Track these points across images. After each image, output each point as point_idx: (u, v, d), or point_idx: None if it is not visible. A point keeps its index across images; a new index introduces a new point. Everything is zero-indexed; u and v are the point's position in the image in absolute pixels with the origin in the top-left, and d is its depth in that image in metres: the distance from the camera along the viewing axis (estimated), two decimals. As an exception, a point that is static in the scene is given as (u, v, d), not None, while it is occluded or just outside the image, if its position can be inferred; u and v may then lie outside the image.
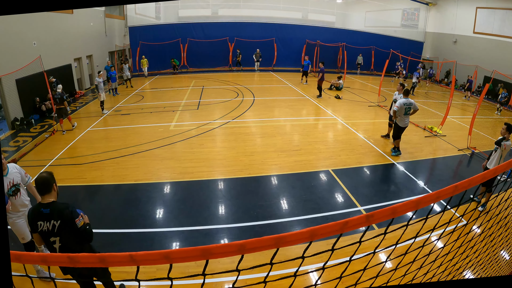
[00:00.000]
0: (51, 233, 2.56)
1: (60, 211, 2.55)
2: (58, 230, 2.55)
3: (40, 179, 2.58)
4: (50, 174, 2.66)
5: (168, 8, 19.95)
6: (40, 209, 2.55)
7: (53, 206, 2.56)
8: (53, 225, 2.53)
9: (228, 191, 5.70)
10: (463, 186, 1.20)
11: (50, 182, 2.60)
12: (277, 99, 12.97)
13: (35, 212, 2.57)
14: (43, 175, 2.61)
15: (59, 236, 2.57)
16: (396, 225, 2.83)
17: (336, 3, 22.10)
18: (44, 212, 2.54)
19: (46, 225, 2.54)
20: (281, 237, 0.89)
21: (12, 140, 8.37)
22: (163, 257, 0.88)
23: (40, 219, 2.55)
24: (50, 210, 2.54)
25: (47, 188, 2.59)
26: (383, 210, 1.01)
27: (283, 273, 3.62)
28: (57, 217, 2.53)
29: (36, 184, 2.59)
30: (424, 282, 1.57)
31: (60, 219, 2.53)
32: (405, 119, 7.17)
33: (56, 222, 2.53)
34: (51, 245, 2.61)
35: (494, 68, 14.45)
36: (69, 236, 2.58)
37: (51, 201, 2.59)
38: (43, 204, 2.57)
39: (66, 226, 2.55)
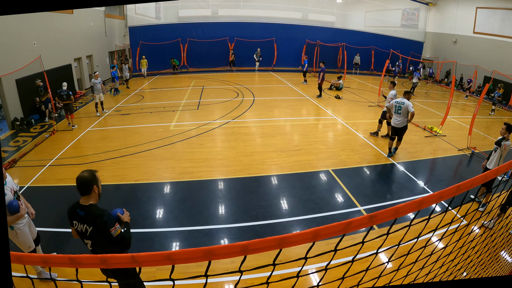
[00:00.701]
0: (84, 235, 2.50)
1: (94, 218, 2.42)
2: (90, 235, 2.47)
3: (79, 179, 2.42)
4: (91, 174, 2.46)
5: (168, 8, 19.94)
6: (76, 209, 2.47)
7: (88, 210, 2.44)
8: (86, 229, 2.46)
9: (228, 191, 5.69)
10: (465, 187, 1.19)
11: (91, 184, 2.43)
12: (277, 99, 12.97)
13: (72, 211, 2.50)
14: (84, 175, 2.43)
15: (91, 241, 2.51)
16: (397, 225, 2.82)
17: (336, 3, 22.09)
18: (80, 213, 2.46)
19: (80, 227, 2.48)
20: (284, 238, 0.89)
21: (12, 140, 8.36)
22: (165, 258, 0.87)
23: (75, 218, 2.49)
24: (85, 213, 2.44)
25: (86, 190, 2.44)
26: (386, 211, 1.00)
27: (285, 273, 3.62)
28: (90, 223, 2.43)
29: (76, 184, 2.43)
30: (426, 282, 1.56)
31: (92, 226, 2.43)
32: (395, 117, 7.06)
33: (88, 227, 2.44)
34: (85, 245, 2.58)
35: (494, 68, 14.45)
36: (101, 242, 2.49)
37: (88, 204, 2.46)
38: (80, 205, 2.47)
39: (99, 234, 2.44)
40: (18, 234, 3.24)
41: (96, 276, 3.33)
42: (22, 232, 3.27)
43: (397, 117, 7.03)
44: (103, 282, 1.06)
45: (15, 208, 3.10)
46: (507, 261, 3.47)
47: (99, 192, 2.50)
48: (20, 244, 3.31)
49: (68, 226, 4.67)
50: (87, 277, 3.31)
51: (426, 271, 1.92)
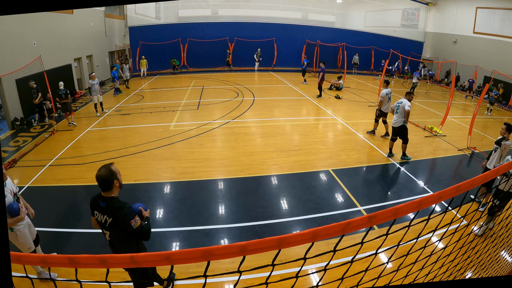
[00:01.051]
0: (103, 225, 2.60)
1: (114, 210, 2.52)
2: (109, 226, 2.57)
3: (99, 178, 2.50)
4: (109, 171, 2.51)
5: (168, 8, 19.94)
6: (98, 200, 2.58)
7: (109, 202, 2.54)
8: (106, 220, 2.55)
9: (228, 191, 5.69)
10: (465, 187, 1.19)
11: (111, 180, 2.52)
12: (277, 99, 12.97)
13: (94, 201, 2.62)
14: (102, 174, 2.49)
15: (109, 232, 2.60)
16: (397, 225, 2.83)
17: (336, 3, 22.09)
18: (101, 204, 2.56)
19: (101, 217, 2.58)
20: (283, 238, 0.89)
21: (12, 140, 8.36)
22: (164, 258, 0.87)
23: (96, 209, 2.60)
24: (106, 205, 2.54)
25: (107, 186, 2.53)
26: (385, 211, 1.00)
27: (284, 274, 3.62)
28: (110, 214, 2.53)
29: (97, 181, 2.52)
30: (425, 282, 1.56)
31: (112, 217, 2.53)
32: (394, 117, 7.25)
33: (108, 219, 2.54)
34: (103, 234, 2.67)
35: (494, 68, 14.44)
36: (119, 233, 2.58)
37: (110, 196, 2.57)
38: (102, 197, 2.58)
39: (118, 225, 2.54)
40: (18, 236, 3.24)
41: (96, 276, 3.34)
42: (22, 233, 3.27)
43: (395, 117, 7.03)
44: (102, 282, 1.06)
45: (16, 211, 3.11)
46: (507, 261, 3.47)
47: (120, 185, 2.58)
48: (20, 246, 3.32)
49: (68, 226, 4.68)
50: (87, 277, 3.32)
51: (426, 272, 1.92)
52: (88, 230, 4.57)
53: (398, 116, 6.97)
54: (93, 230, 4.56)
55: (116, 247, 2.66)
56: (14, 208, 3.10)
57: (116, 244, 2.65)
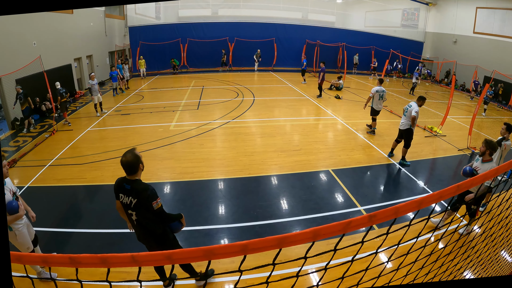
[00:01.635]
0: (129, 206, 2.76)
1: (139, 191, 2.68)
2: (135, 207, 2.73)
3: (126, 163, 2.64)
4: (134, 156, 2.66)
5: (168, 8, 19.94)
6: (123, 183, 2.74)
7: (134, 184, 2.70)
8: (131, 201, 2.72)
9: (228, 191, 5.69)
10: (465, 186, 1.20)
11: (137, 164, 2.67)
12: (277, 99, 12.97)
13: (119, 184, 2.76)
14: (129, 159, 2.64)
15: (135, 212, 2.76)
16: (397, 225, 2.83)
17: (336, 3, 22.10)
18: (126, 187, 2.72)
19: (126, 199, 2.75)
20: (284, 238, 0.89)
21: (12, 140, 8.36)
22: (165, 257, 0.87)
23: (121, 191, 2.76)
24: (131, 187, 2.70)
25: (133, 170, 2.69)
26: (385, 210, 1.00)
27: (284, 273, 3.62)
28: (135, 195, 2.69)
29: (122, 166, 2.67)
30: (425, 282, 1.57)
31: (137, 199, 2.69)
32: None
33: (133, 200, 2.71)
34: (129, 216, 2.82)
35: (494, 68, 14.45)
36: (144, 213, 2.75)
37: (134, 179, 2.72)
38: (127, 180, 2.73)
39: (142, 206, 2.70)
40: (17, 236, 3.24)
41: (96, 276, 3.34)
42: (20, 233, 3.27)
43: (403, 119, 6.94)
44: (103, 282, 1.06)
45: (15, 208, 3.11)
46: (507, 261, 3.47)
47: (143, 168, 2.75)
48: (19, 246, 3.31)
49: (68, 226, 4.68)
50: (87, 277, 3.31)
51: (425, 271, 1.92)
52: (88, 230, 4.58)
53: (405, 119, 6.87)
54: (93, 230, 4.57)
55: (144, 226, 2.83)
56: (14, 206, 3.10)
57: (144, 223, 2.82)
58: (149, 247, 3.05)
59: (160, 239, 2.90)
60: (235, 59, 20.30)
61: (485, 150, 4.30)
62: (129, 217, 2.84)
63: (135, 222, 2.83)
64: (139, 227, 2.86)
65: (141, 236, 2.97)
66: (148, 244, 3.02)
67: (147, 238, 2.93)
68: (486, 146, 4.28)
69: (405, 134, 6.89)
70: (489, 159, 4.33)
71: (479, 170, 4.32)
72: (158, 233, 2.88)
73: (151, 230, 2.84)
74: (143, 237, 2.96)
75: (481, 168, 4.31)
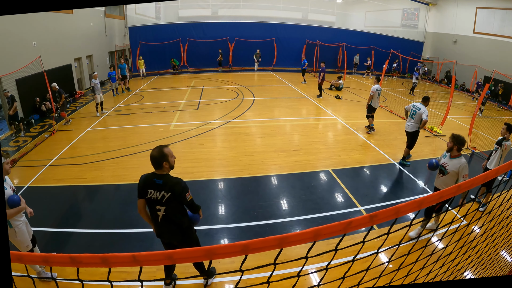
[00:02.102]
0: (159, 202, 2.78)
1: (173, 185, 2.75)
2: (166, 201, 2.76)
3: (151, 156, 2.72)
4: (160, 152, 2.73)
5: (168, 8, 19.94)
6: (153, 178, 2.77)
7: (166, 179, 2.76)
8: (163, 196, 2.75)
9: (228, 191, 5.69)
10: (465, 186, 1.19)
11: (160, 161, 2.72)
12: (277, 99, 12.97)
13: (148, 180, 2.79)
14: (154, 154, 2.72)
15: (165, 206, 2.79)
16: (398, 225, 2.84)
17: (336, 3, 22.10)
18: (157, 182, 2.75)
19: (156, 194, 2.77)
20: (285, 237, 0.89)
21: (12, 140, 8.36)
22: (166, 257, 0.87)
23: (151, 187, 2.78)
24: (163, 181, 2.75)
25: (158, 165, 2.75)
26: (386, 210, 1.00)
27: (283, 274, 3.62)
28: (169, 189, 2.74)
29: (151, 159, 2.74)
30: (426, 282, 1.56)
31: (171, 192, 2.74)
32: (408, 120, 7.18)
33: (166, 194, 2.74)
34: (155, 212, 2.84)
35: (494, 68, 14.45)
36: (175, 207, 2.82)
37: (164, 173, 2.78)
38: (157, 175, 2.77)
39: (175, 199, 2.77)
40: (16, 233, 3.24)
41: (96, 276, 3.34)
42: (20, 230, 3.27)
43: (409, 121, 6.89)
44: (103, 282, 1.06)
45: (16, 202, 3.12)
46: (507, 261, 3.47)
47: (170, 166, 2.78)
48: (18, 243, 3.31)
49: (68, 226, 4.67)
50: (87, 277, 3.31)
51: (426, 271, 1.92)
52: (88, 230, 4.57)
53: (411, 121, 6.84)
54: (93, 230, 4.57)
55: (172, 220, 2.86)
56: (15, 199, 3.12)
57: (172, 216, 2.85)
58: (169, 244, 3.06)
59: (186, 231, 2.99)
60: (235, 59, 20.29)
61: (453, 146, 4.11)
62: (154, 214, 2.85)
63: (161, 218, 2.84)
64: (166, 222, 2.87)
65: (164, 232, 2.96)
66: (172, 239, 3.01)
67: (173, 232, 2.93)
68: (454, 141, 4.09)
69: (411, 136, 6.90)
70: (457, 155, 4.12)
71: (447, 166, 4.15)
72: (185, 226, 2.95)
73: (179, 223, 2.89)
74: (168, 232, 2.95)
75: (449, 163, 4.13)
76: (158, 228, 2.95)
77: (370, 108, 8.85)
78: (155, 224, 2.94)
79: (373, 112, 8.94)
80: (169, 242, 3.05)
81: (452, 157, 4.16)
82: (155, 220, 2.90)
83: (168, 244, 3.10)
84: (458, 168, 4.05)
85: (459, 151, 4.12)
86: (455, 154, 4.13)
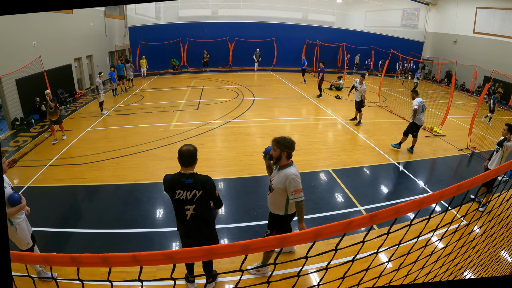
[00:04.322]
0: (189, 202, 2.73)
1: (204, 182, 2.71)
2: (197, 200, 2.72)
3: (187, 152, 2.67)
4: (195, 149, 2.71)
5: (168, 8, 19.94)
6: (182, 178, 2.69)
7: (196, 177, 2.70)
8: (194, 195, 2.70)
9: (228, 191, 5.69)
10: (465, 186, 1.20)
11: (195, 159, 2.71)
12: (277, 99, 12.97)
13: (175, 181, 2.72)
14: (190, 149, 2.68)
15: (195, 205, 2.75)
16: (398, 225, 2.82)
17: (336, 3, 22.10)
18: (186, 182, 2.68)
19: (186, 194, 2.70)
20: (285, 237, 0.89)
21: (12, 140, 8.36)
22: (166, 257, 0.87)
23: (179, 188, 2.70)
24: (193, 180, 2.69)
25: (192, 161, 2.70)
26: (386, 210, 1.00)
27: (283, 274, 3.62)
28: (200, 187, 2.70)
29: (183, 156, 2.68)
30: (426, 282, 1.57)
31: (202, 189, 2.70)
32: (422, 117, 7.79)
33: (198, 192, 2.70)
34: (183, 212, 2.79)
35: (494, 68, 14.45)
36: (205, 204, 2.80)
37: (192, 172, 2.72)
38: (185, 174, 2.70)
39: (207, 195, 2.74)
40: (17, 230, 3.25)
41: (96, 276, 3.34)
42: (21, 228, 3.27)
43: (422, 116, 7.52)
44: (104, 282, 1.06)
45: (17, 199, 3.13)
46: (507, 261, 3.48)
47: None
48: (19, 240, 3.31)
49: (68, 226, 4.66)
50: (87, 277, 3.31)
51: (426, 271, 1.92)
52: (88, 230, 4.57)
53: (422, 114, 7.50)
54: (93, 230, 4.57)
55: (200, 217, 2.82)
56: (16, 197, 3.13)
57: (201, 214, 2.82)
58: (197, 243, 2.98)
59: (212, 226, 2.99)
60: (235, 59, 20.29)
61: (280, 153, 3.05)
62: (182, 213, 2.80)
63: (190, 216, 2.80)
64: (194, 220, 2.83)
65: (193, 230, 2.91)
66: (200, 237, 2.95)
67: (202, 229, 2.91)
68: (278, 146, 3.05)
69: (409, 126, 7.56)
70: (286, 164, 3.09)
71: (273, 180, 3.20)
72: (212, 221, 2.96)
73: (206, 219, 2.88)
74: (197, 230, 2.90)
75: (275, 177, 3.17)
76: (186, 226, 2.88)
77: (361, 104, 9.37)
78: (182, 222, 2.87)
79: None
80: (196, 239, 2.96)
81: (281, 167, 3.12)
82: (182, 218, 2.84)
83: (193, 243, 2.99)
84: (284, 182, 3.05)
85: (289, 158, 3.10)
86: (284, 164, 3.09)
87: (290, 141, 3.07)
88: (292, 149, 3.08)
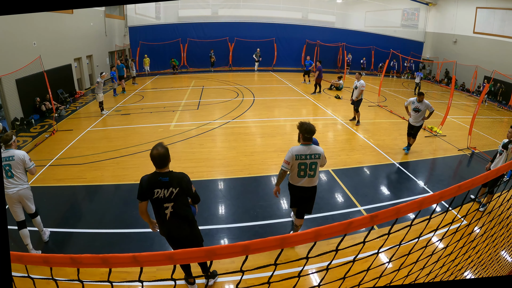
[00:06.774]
0: (167, 199, 2.79)
1: (179, 179, 2.79)
2: (175, 197, 2.79)
3: (159, 155, 2.72)
4: (166, 149, 2.77)
5: (168, 8, 19.94)
6: (158, 177, 2.76)
7: (171, 175, 2.78)
8: (171, 192, 2.77)
9: (228, 191, 5.69)
10: (466, 186, 1.19)
11: (168, 157, 2.77)
12: (277, 99, 12.97)
13: (152, 180, 2.78)
14: (160, 152, 2.72)
15: (173, 202, 2.81)
16: (398, 225, 2.84)
17: (336, 3, 22.10)
18: (163, 180, 2.75)
19: (163, 192, 2.77)
20: (286, 238, 0.89)
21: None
22: (167, 258, 0.87)
23: (157, 187, 2.77)
24: (169, 178, 2.76)
25: (166, 162, 2.78)
26: (387, 210, 1.00)
27: (283, 274, 3.62)
28: (177, 185, 2.77)
29: (156, 159, 2.73)
30: (426, 282, 1.56)
31: (179, 187, 2.77)
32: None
33: (174, 190, 2.77)
34: (163, 211, 2.83)
35: (494, 68, 14.45)
36: (183, 201, 2.86)
37: (168, 170, 2.80)
38: (161, 173, 2.77)
39: (183, 192, 2.82)
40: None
41: (96, 276, 3.33)
42: None
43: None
44: (104, 282, 1.06)
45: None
46: (507, 261, 3.47)
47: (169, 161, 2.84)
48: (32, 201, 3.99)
49: (68, 226, 4.67)
50: (87, 277, 3.31)
51: (427, 271, 1.92)
52: (88, 230, 4.57)
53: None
54: (93, 230, 4.57)
55: (180, 214, 2.87)
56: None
57: (180, 211, 2.87)
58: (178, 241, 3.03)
59: (192, 224, 3.02)
60: (235, 59, 20.29)
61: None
62: (161, 212, 2.84)
63: (169, 215, 2.84)
64: (174, 218, 2.87)
65: (173, 228, 2.93)
66: (181, 234, 2.98)
67: (182, 226, 2.93)
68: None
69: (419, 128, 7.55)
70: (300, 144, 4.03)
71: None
72: (191, 218, 2.98)
73: (186, 216, 2.91)
74: (177, 227, 2.92)
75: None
76: (166, 226, 2.93)
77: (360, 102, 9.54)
78: (162, 223, 2.92)
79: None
80: (177, 238, 3.01)
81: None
82: (162, 219, 2.88)
83: (176, 242, 3.05)
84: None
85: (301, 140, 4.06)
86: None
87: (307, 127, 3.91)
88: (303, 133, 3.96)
